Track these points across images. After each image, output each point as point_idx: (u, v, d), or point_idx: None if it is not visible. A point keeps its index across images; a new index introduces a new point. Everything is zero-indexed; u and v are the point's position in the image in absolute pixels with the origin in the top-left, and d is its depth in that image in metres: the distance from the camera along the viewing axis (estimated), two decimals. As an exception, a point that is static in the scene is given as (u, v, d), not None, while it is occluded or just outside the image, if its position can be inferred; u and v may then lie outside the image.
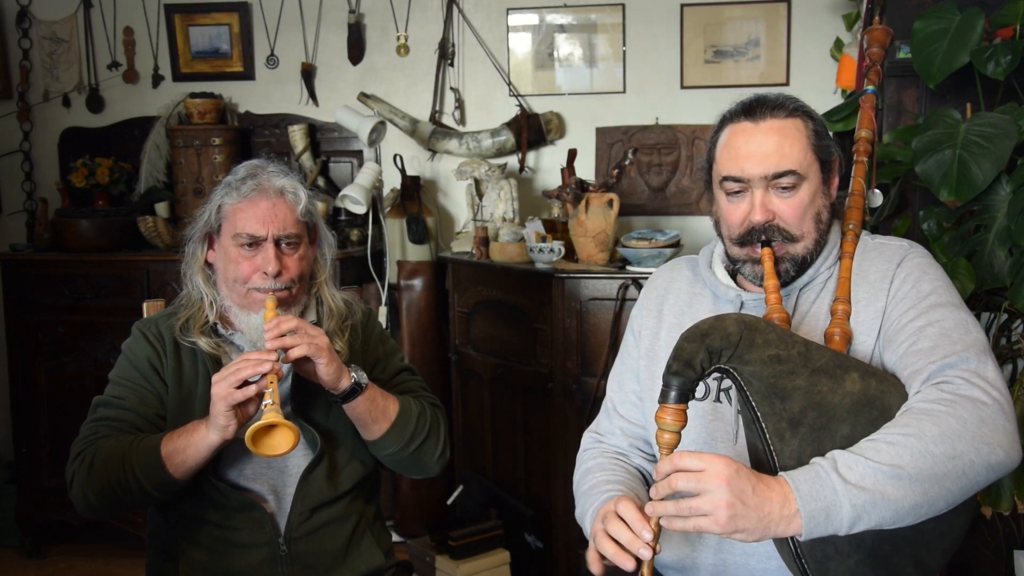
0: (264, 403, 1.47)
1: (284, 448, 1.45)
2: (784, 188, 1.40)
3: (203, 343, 1.66)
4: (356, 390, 1.60)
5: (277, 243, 1.65)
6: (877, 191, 1.91)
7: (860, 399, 1.22)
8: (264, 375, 1.48)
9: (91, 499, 1.57)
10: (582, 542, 1.40)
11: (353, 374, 1.60)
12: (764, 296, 1.42)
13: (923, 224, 2.22)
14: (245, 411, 1.49)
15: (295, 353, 1.52)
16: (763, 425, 1.21)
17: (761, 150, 1.40)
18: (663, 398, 1.20)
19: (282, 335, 1.52)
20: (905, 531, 1.19)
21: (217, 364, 1.66)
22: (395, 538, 3.22)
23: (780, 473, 1.16)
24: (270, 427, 1.43)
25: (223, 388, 1.46)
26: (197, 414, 1.63)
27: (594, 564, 1.26)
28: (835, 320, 1.39)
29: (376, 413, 1.65)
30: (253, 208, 1.64)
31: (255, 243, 1.64)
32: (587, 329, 2.68)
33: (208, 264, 1.72)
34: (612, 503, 1.26)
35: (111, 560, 3.27)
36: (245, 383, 1.48)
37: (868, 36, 1.96)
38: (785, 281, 1.44)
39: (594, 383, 2.65)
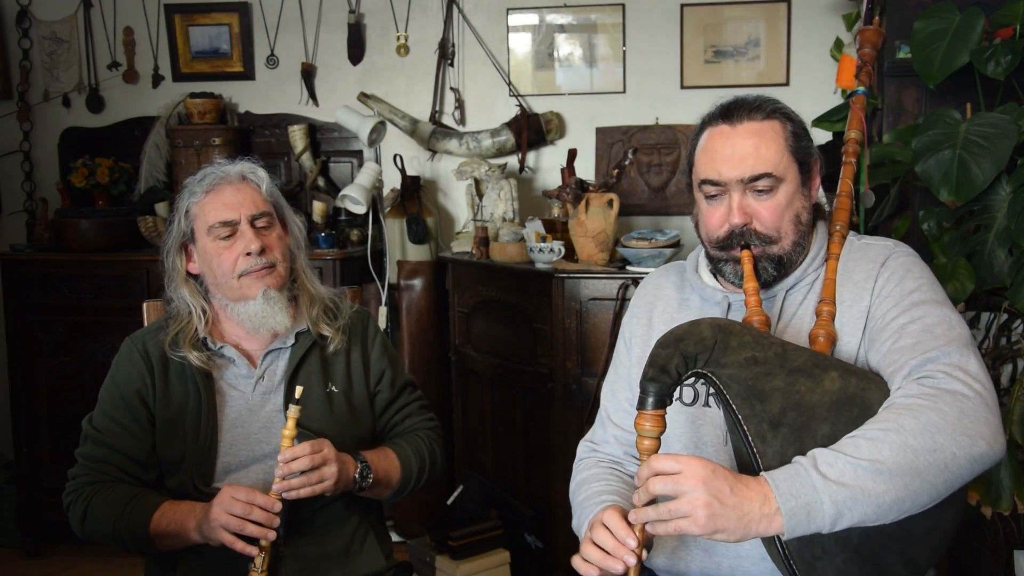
0: (251, 567, 1.50)
1: None
2: (761, 191, 1.40)
3: (193, 358, 1.65)
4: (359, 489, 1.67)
5: (252, 224, 1.66)
6: (870, 192, 1.91)
7: (840, 397, 1.22)
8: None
9: (91, 538, 1.64)
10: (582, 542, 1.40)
11: (356, 476, 1.63)
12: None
13: (923, 224, 2.22)
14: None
15: (302, 494, 1.53)
16: (744, 428, 1.22)
17: (738, 153, 1.40)
18: (641, 404, 1.21)
19: (292, 472, 1.52)
20: (892, 528, 1.18)
21: (207, 379, 1.67)
22: (395, 538, 3.22)
23: (761, 472, 1.16)
24: None
25: (224, 518, 1.48)
26: (187, 433, 1.65)
27: (582, 566, 1.26)
28: (819, 322, 1.39)
29: (379, 490, 1.71)
30: (219, 197, 1.66)
31: (231, 231, 1.65)
32: (587, 329, 2.68)
33: (193, 276, 1.72)
34: (600, 513, 1.28)
35: (111, 560, 3.27)
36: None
37: (860, 36, 1.97)
38: (767, 281, 1.44)
39: (594, 383, 2.65)
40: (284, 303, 1.69)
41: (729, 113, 1.43)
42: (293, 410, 1.51)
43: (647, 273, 2.62)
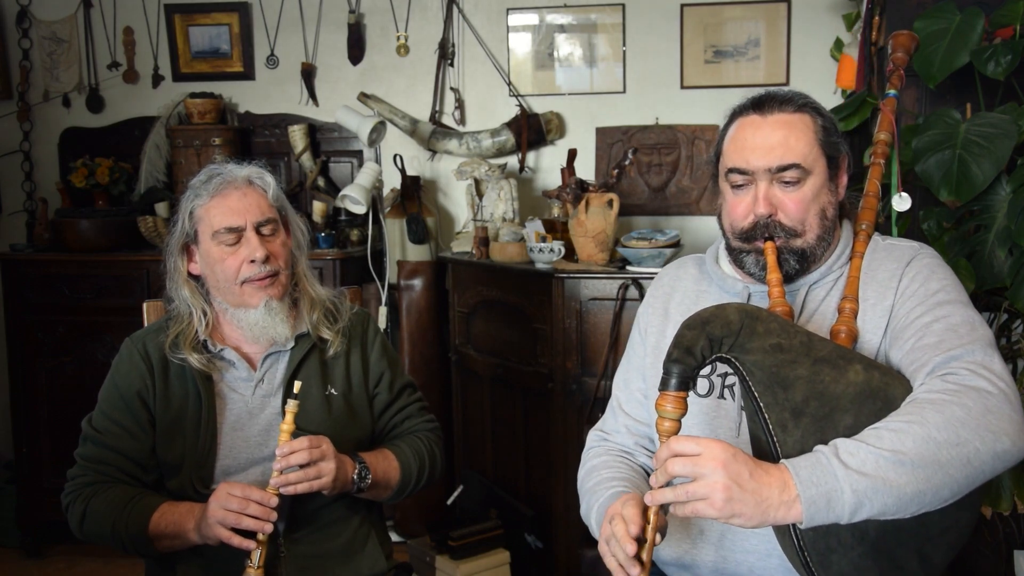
0: (248, 563, 1.51)
1: None
2: (788, 182, 1.41)
3: (194, 360, 1.65)
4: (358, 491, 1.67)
5: (257, 231, 1.65)
6: (904, 195, 1.88)
7: (863, 390, 1.21)
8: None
9: (90, 539, 1.64)
10: (582, 542, 1.40)
11: (355, 477, 1.64)
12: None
13: (923, 224, 2.22)
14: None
15: (299, 489, 1.54)
16: (766, 415, 1.21)
17: (767, 143, 1.40)
18: (663, 385, 1.20)
19: (290, 466, 1.53)
20: (909, 524, 1.17)
21: (207, 381, 1.67)
22: (395, 538, 3.22)
23: (781, 460, 1.16)
24: None
25: (220, 514, 1.48)
26: (186, 434, 1.64)
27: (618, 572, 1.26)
28: (842, 318, 1.39)
29: (378, 492, 1.71)
30: (225, 202, 1.65)
31: (236, 237, 1.64)
32: (587, 329, 2.68)
33: (194, 277, 1.71)
34: (619, 504, 1.26)
35: (111, 560, 3.27)
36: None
37: (893, 41, 1.96)
38: (789, 274, 1.44)
39: (594, 383, 2.65)
40: (285, 313, 1.68)
41: (760, 104, 1.44)
42: (291, 404, 1.52)
43: (647, 273, 2.65)
